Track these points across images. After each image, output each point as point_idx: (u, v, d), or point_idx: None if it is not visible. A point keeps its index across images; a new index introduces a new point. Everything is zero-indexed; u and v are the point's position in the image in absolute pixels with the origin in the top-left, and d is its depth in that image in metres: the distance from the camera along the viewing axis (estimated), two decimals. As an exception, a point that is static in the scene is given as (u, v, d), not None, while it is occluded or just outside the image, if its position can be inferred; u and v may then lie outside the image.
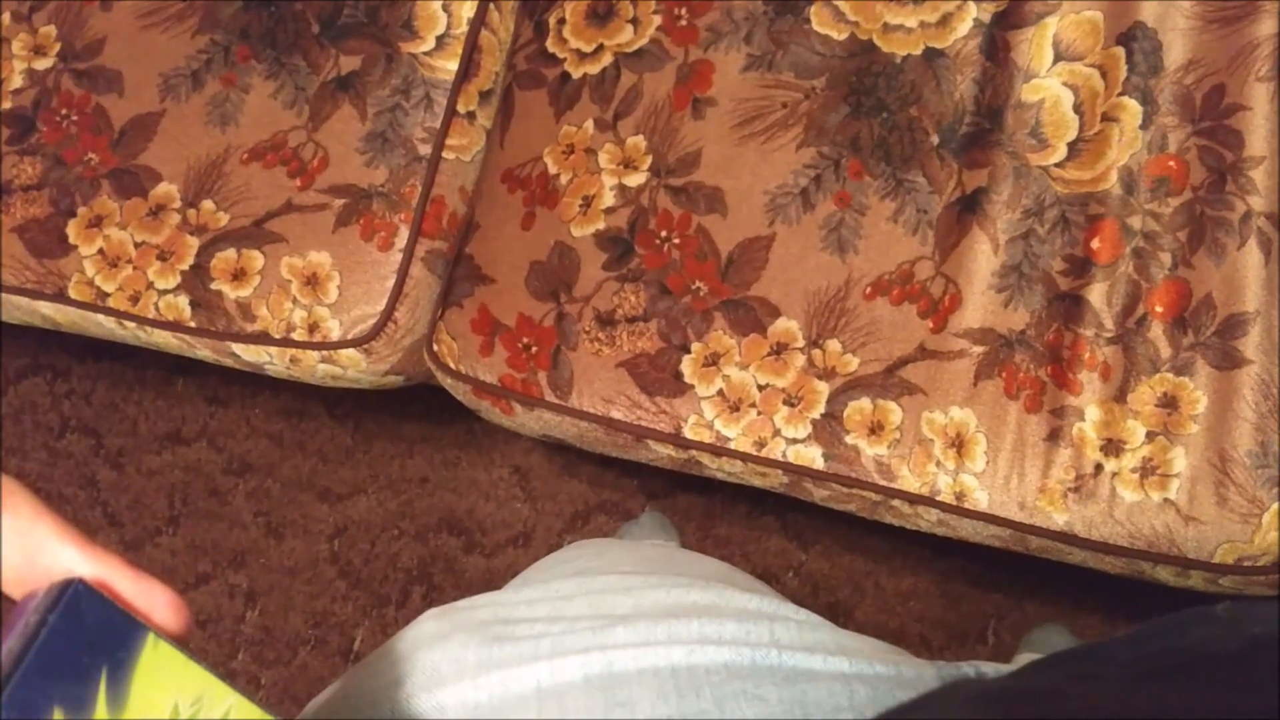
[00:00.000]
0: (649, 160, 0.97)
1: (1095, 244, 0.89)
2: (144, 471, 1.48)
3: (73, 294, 1.03)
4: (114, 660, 0.27)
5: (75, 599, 0.28)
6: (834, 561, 1.35)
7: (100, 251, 1.03)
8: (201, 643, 1.43)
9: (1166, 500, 0.84)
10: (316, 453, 1.47)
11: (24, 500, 0.30)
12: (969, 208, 0.92)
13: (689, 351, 0.94)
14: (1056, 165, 0.91)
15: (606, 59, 1.00)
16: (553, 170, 0.99)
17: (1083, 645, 0.33)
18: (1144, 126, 0.90)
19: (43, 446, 1.50)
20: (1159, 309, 0.87)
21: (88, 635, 0.27)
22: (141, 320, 1.02)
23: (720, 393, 0.93)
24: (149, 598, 0.30)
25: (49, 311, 1.06)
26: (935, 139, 0.94)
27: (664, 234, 0.96)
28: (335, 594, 1.42)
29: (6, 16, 1.08)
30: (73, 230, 1.04)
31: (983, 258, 0.91)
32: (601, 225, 0.97)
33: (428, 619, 0.51)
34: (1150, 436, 0.85)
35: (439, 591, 1.42)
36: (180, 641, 0.29)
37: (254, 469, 1.47)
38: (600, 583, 0.53)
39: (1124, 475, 0.85)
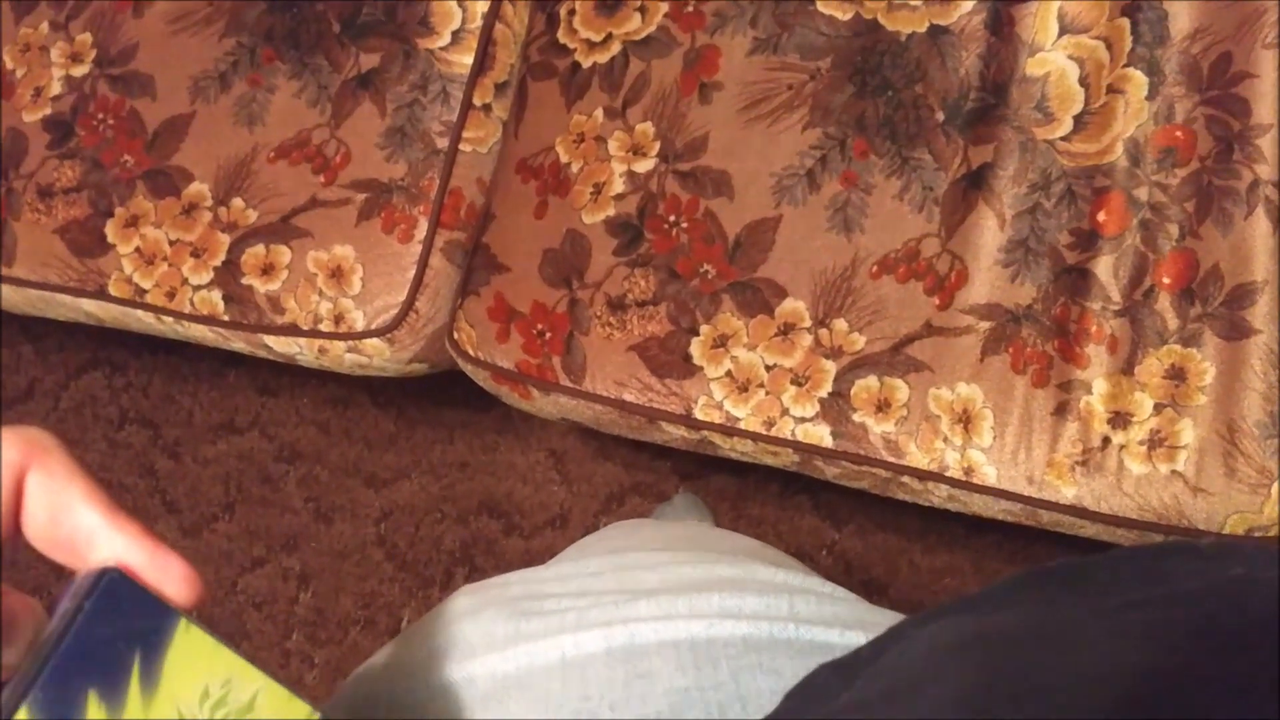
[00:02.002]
0: (657, 146, 0.99)
1: (1102, 217, 0.89)
2: (200, 460, 1.54)
3: (113, 291, 1.08)
4: (147, 645, 0.28)
5: (111, 586, 0.28)
6: (867, 540, 1.35)
7: (137, 250, 1.08)
8: (258, 623, 1.48)
9: (1174, 472, 0.84)
10: (362, 439, 1.51)
11: (60, 461, 0.30)
12: (975, 184, 0.92)
13: (698, 334, 0.95)
14: (1062, 139, 0.91)
15: (615, 48, 1.02)
16: (564, 159, 1.01)
17: (1050, 567, 0.32)
18: (1150, 97, 0.89)
19: (103, 438, 1.56)
20: (1166, 280, 0.86)
21: (122, 621, 0.28)
22: (178, 315, 1.07)
23: (729, 374, 0.94)
24: (164, 570, 0.30)
25: (92, 309, 1.11)
26: (940, 116, 0.94)
27: (672, 219, 0.97)
28: (383, 576, 1.47)
29: (45, 25, 1.14)
30: (111, 230, 1.09)
31: (989, 233, 0.91)
32: (612, 212, 0.99)
33: (461, 595, 0.53)
34: (1158, 409, 0.85)
35: (480, 573, 1.45)
36: (198, 617, 0.30)
37: (303, 456, 1.52)
38: (629, 559, 0.55)
39: (1131, 448, 0.85)
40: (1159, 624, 0.27)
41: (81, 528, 0.30)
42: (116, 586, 0.29)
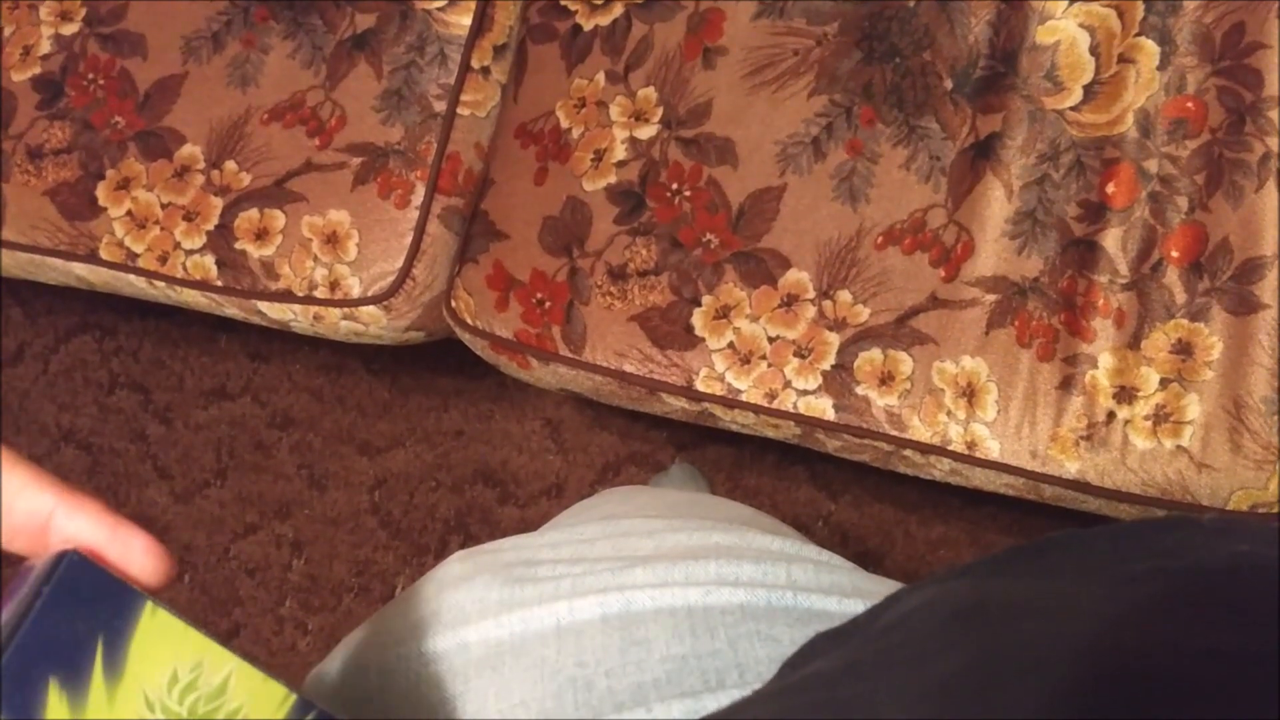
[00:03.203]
0: (660, 112, 0.97)
1: (1110, 189, 0.87)
2: (191, 426, 1.53)
3: (104, 255, 1.06)
4: (110, 629, 0.27)
5: (70, 570, 0.27)
6: (863, 511, 1.35)
7: (129, 213, 1.06)
8: (251, 590, 1.48)
9: (1179, 447, 0.83)
10: (356, 407, 1.50)
11: None
12: (983, 153, 0.91)
13: (700, 304, 0.94)
14: (1072, 109, 0.89)
15: (617, 10, 1.00)
16: (565, 124, 1.00)
17: (1055, 537, 0.31)
18: (1161, 67, 0.87)
19: (93, 403, 1.55)
20: (1175, 254, 0.85)
21: (83, 605, 0.27)
22: (170, 280, 1.05)
23: (731, 345, 0.93)
24: (127, 547, 0.29)
25: (83, 273, 1.09)
26: (949, 84, 0.92)
27: (675, 186, 0.96)
28: (377, 543, 1.46)
29: (33, -17, 1.11)
30: (102, 192, 1.07)
31: (996, 204, 0.90)
32: (613, 179, 0.97)
33: (454, 561, 0.52)
34: (1164, 383, 0.84)
35: (475, 541, 1.43)
36: (165, 598, 0.29)
37: (296, 423, 1.51)
38: (624, 526, 0.54)
39: (1136, 423, 0.84)
40: (1160, 597, 0.26)
41: (36, 512, 0.29)
42: (75, 570, 0.28)
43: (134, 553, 0.29)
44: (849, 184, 0.93)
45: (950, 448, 0.89)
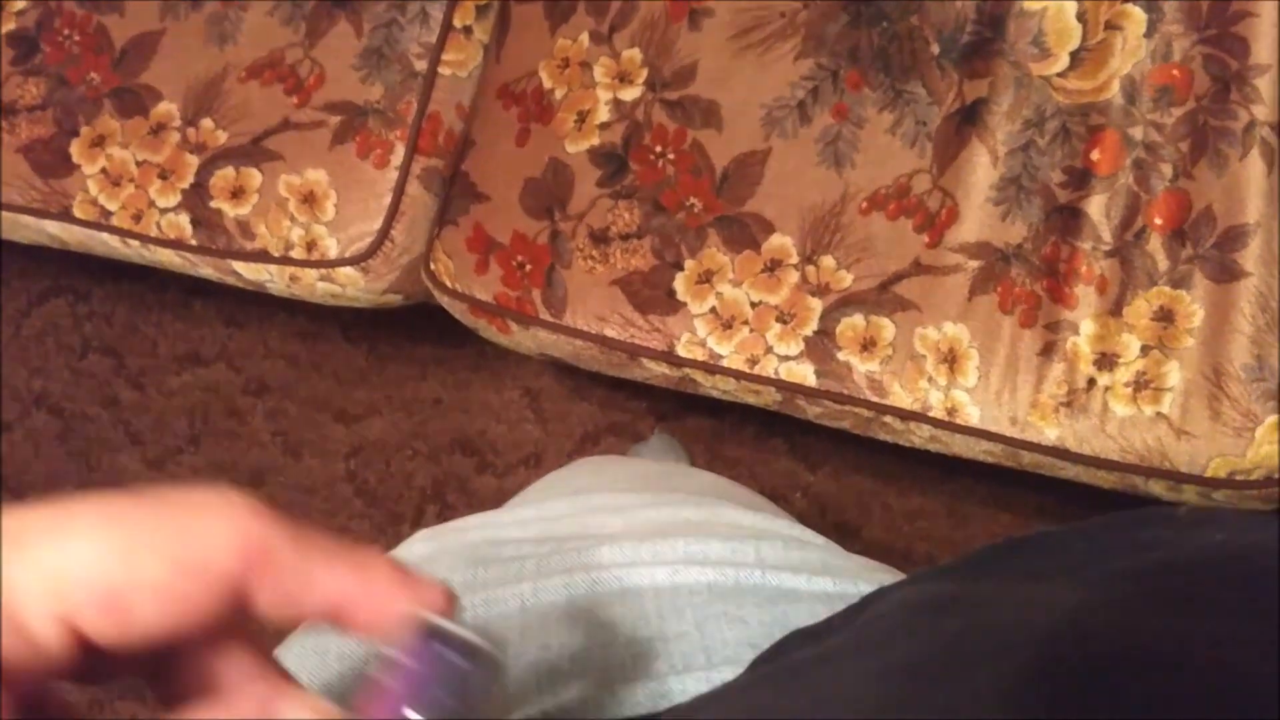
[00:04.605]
0: (644, 74, 0.96)
1: (1095, 155, 0.87)
2: (164, 391, 1.51)
3: (77, 213, 1.05)
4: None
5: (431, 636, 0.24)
6: (841, 482, 1.35)
7: (103, 171, 1.04)
8: (224, 559, 1.46)
9: (1159, 414, 0.83)
10: (332, 374, 1.48)
11: (288, 550, 0.24)
12: (969, 119, 0.90)
13: (682, 269, 0.94)
14: (1058, 75, 0.89)
15: (602, -30, 0.99)
16: (548, 85, 0.99)
17: (1032, 536, 0.31)
18: (1148, 35, 0.87)
19: (65, 367, 1.53)
20: (1158, 221, 0.85)
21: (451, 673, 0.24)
22: (144, 239, 1.04)
23: (713, 310, 0.93)
24: (425, 593, 0.26)
25: (56, 231, 1.07)
26: (936, 48, 0.92)
27: (659, 149, 0.95)
28: (352, 512, 1.45)
29: (5, -65, 1.09)
30: (76, 150, 1.05)
31: (981, 170, 0.90)
32: (596, 141, 0.96)
33: (417, 540, 0.51)
34: (1145, 350, 0.84)
35: (453, 510, 1.44)
36: None
37: (271, 390, 1.49)
38: (593, 501, 0.53)
39: (1117, 390, 0.85)
40: (1132, 588, 0.26)
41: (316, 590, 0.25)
42: (435, 635, 0.24)
43: (431, 598, 0.26)
44: (834, 148, 0.92)
45: (930, 414, 0.89)
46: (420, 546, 0.50)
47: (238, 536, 0.24)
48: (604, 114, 0.96)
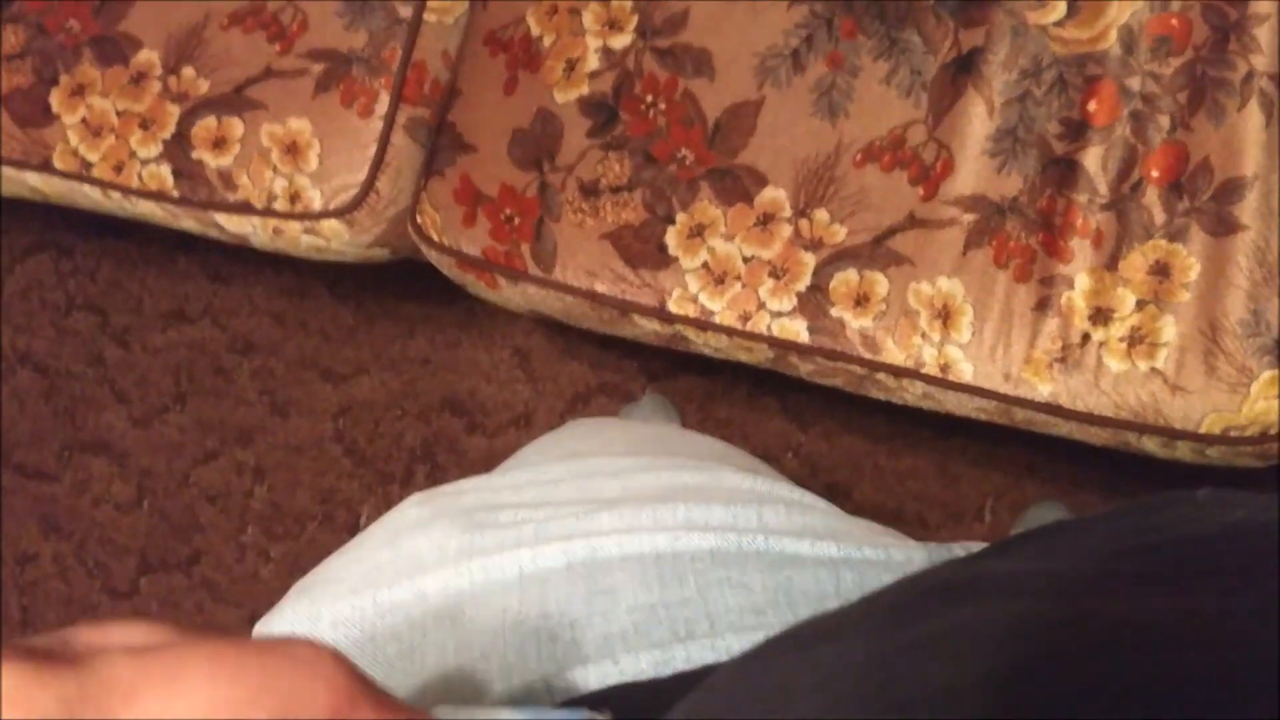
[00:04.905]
0: (635, 20, 0.94)
1: (1092, 106, 0.86)
2: (150, 349, 1.50)
3: (57, 164, 1.03)
4: None
5: None
6: (833, 442, 1.34)
7: (83, 121, 1.02)
8: (212, 517, 1.46)
9: (1154, 370, 0.82)
10: (319, 332, 1.47)
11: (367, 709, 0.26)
12: (964, 68, 0.89)
13: (674, 222, 0.92)
14: (1055, 24, 0.87)
15: (592, -84, 0.97)
16: (535, 32, 0.97)
17: (1055, 523, 0.32)
18: (1149, -19, 0.85)
19: (50, 324, 1.51)
20: (1155, 173, 0.84)
21: None
22: (125, 190, 1.02)
23: (705, 265, 0.91)
24: None
25: (36, 182, 1.05)
26: (931, -2, 0.90)
27: (650, 99, 0.93)
28: (341, 471, 1.44)
29: (-21, -124, 1.06)
30: (56, 99, 1.03)
31: (977, 121, 0.88)
32: (585, 90, 0.95)
33: (410, 505, 0.50)
34: (1140, 305, 0.83)
35: (443, 470, 1.43)
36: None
37: (258, 348, 1.48)
38: (590, 465, 0.53)
39: (1111, 345, 0.83)
40: (1142, 567, 0.27)
41: None
42: None
43: None
44: (828, 98, 0.90)
45: (924, 371, 0.88)
46: (415, 511, 0.49)
47: (331, 694, 0.25)
48: (593, 62, 0.95)
